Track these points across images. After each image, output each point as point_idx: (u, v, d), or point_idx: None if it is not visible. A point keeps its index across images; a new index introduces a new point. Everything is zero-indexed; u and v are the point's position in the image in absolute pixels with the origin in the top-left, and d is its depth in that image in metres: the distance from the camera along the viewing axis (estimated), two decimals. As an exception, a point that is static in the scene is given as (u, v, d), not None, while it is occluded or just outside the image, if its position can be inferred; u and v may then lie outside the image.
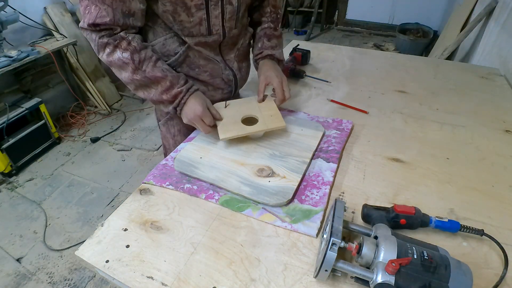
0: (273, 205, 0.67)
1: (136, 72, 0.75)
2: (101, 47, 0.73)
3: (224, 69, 0.91)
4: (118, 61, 0.74)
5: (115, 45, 0.72)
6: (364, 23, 4.43)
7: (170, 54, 0.83)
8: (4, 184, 2.10)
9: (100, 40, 0.72)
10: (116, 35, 0.72)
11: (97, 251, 0.60)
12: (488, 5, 1.98)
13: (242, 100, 0.91)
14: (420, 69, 1.29)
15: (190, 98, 0.80)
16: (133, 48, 0.73)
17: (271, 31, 0.97)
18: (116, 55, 0.73)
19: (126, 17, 0.72)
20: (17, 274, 1.56)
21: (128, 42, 0.73)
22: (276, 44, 0.97)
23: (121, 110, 2.86)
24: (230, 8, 0.81)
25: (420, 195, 0.70)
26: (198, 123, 0.79)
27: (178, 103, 0.79)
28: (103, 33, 0.72)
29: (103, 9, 0.69)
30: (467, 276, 0.46)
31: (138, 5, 0.73)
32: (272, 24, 0.97)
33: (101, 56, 0.75)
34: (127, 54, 0.73)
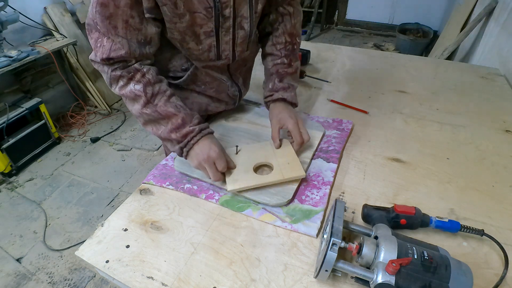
0: (273, 205, 0.67)
1: (147, 105, 0.68)
2: (114, 80, 0.68)
3: (231, 87, 0.88)
4: (130, 94, 0.68)
5: (129, 77, 0.67)
6: (364, 23, 4.43)
7: (176, 70, 0.80)
8: (4, 184, 2.10)
9: (113, 73, 0.67)
10: (130, 67, 0.67)
11: (97, 251, 0.60)
12: (488, 5, 1.98)
13: (256, 145, 0.81)
14: (420, 69, 1.29)
15: (203, 139, 0.71)
16: (146, 81, 0.68)
17: (284, 68, 0.85)
18: (129, 87, 0.68)
19: (142, 46, 0.67)
20: (17, 274, 1.56)
21: (142, 74, 0.68)
22: (289, 85, 0.85)
23: (121, 110, 2.86)
24: (242, 33, 0.75)
25: (420, 195, 0.70)
26: (209, 167, 0.69)
27: (186, 143, 0.70)
28: (116, 66, 0.67)
29: (117, 41, 0.63)
30: (467, 276, 0.46)
31: (154, 29, 0.67)
32: (286, 60, 0.84)
33: (114, 89, 0.70)
34: (140, 86, 0.67)
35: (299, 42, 0.87)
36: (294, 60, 0.86)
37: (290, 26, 0.83)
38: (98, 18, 0.61)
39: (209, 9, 0.66)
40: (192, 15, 0.66)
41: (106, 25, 0.62)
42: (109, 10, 0.60)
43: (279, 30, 0.84)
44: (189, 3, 0.64)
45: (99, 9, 0.60)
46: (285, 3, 0.82)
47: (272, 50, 0.85)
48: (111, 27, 0.62)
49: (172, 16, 0.65)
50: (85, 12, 2.68)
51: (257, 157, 0.76)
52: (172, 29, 0.69)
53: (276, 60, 0.85)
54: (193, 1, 0.64)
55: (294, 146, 0.77)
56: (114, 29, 0.62)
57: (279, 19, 0.83)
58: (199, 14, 0.66)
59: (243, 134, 0.89)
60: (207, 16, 0.67)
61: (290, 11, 0.83)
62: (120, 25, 0.62)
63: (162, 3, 0.63)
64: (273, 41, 0.85)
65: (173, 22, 0.67)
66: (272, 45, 0.85)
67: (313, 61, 1.37)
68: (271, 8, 0.82)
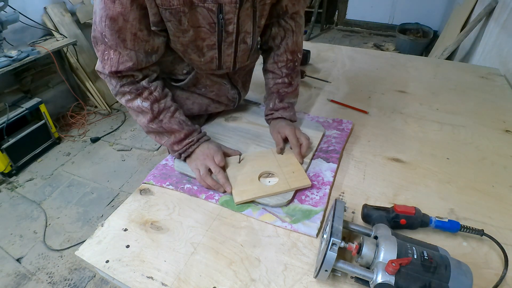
0: (273, 205, 0.67)
1: (153, 121, 0.72)
2: (121, 94, 0.70)
3: (230, 89, 0.89)
4: (137, 108, 0.71)
5: (137, 94, 0.69)
6: (364, 23, 4.43)
7: (178, 73, 0.81)
8: (4, 184, 2.10)
9: (121, 89, 0.69)
10: (138, 85, 0.69)
11: (97, 251, 0.60)
12: (488, 5, 1.98)
13: (258, 153, 0.81)
14: (420, 69, 1.29)
15: (201, 145, 0.76)
16: (153, 98, 0.71)
17: (285, 87, 0.86)
18: (136, 103, 0.70)
19: (148, 56, 0.68)
20: (17, 274, 1.56)
21: (150, 92, 0.70)
22: (289, 105, 0.87)
23: (121, 110, 2.86)
24: (244, 46, 0.76)
25: (420, 195, 0.70)
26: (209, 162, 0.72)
27: (185, 150, 0.75)
28: (124, 81, 0.68)
29: (124, 54, 0.64)
30: (467, 276, 0.46)
31: (160, 39, 0.68)
32: (287, 79, 0.85)
33: (119, 99, 0.72)
34: (147, 104, 0.70)
35: (300, 57, 0.88)
36: (295, 77, 0.87)
37: (292, 43, 0.83)
38: (107, 32, 0.61)
39: (212, 24, 0.66)
40: (196, 29, 0.67)
41: (115, 38, 0.62)
42: (118, 24, 0.60)
43: (280, 49, 0.83)
44: (193, 20, 0.64)
45: (108, 23, 0.60)
46: (287, 16, 0.81)
47: (274, 68, 0.85)
48: (119, 41, 0.62)
49: (175, 31, 0.66)
50: (85, 12, 2.68)
51: (261, 165, 0.75)
52: (175, 41, 0.70)
53: (277, 79, 0.86)
54: (198, 18, 0.64)
55: (294, 151, 0.77)
56: (123, 42, 0.63)
57: (281, 34, 0.82)
58: (202, 28, 0.67)
59: (243, 134, 0.89)
60: (210, 31, 0.67)
61: (292, 25, 0.82)
62: (128, 38, 0.63)
63: (167, 19, 0.63)
64: (275, 59, 0.85)
65: (176, 36, 0.68)
66: (273, 62, 0.85)
67: (313, 61, 1.37)
68: (272, 19, 0.81)
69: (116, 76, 0.67)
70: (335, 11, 4.54)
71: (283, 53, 0.83)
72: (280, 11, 0.79)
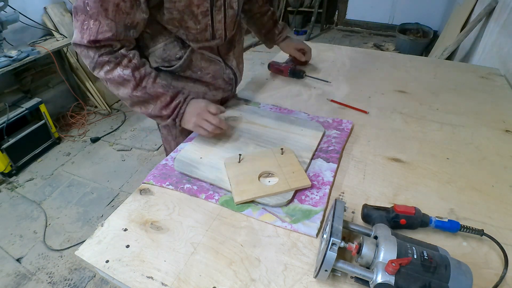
0: (273, 205, 0.67)
1: (136, 88, 0.73)
2: (99, 65, 0.71)
3: (225, 69, 0.92)
4: (118, 78, 0.72)
5: (116, 63, 0.71)
6: (364, 23, 4.43)
7: (171, 59, 0.83)
8: (4, 184, 2.10)
9: (99, 58, 0.69)
10: (117, 53, 0.71)
11: (97, 251, 0.60)
12: (488, 5, 1.98)
13: (258, 152, 0.80)
14: (420, 69, 1.29)
15: (190, 103, 0.80)
16: (134, 66, 0.72)
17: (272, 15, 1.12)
18: (116, 72, 0.71)
19: (127, 30, 0.70)
20: (17, 274, 1.56)
21: (129, 59, 0.72)
22: (282, 26, 1.15)
23: (121, 110, 2.86)
24: (231, 12, 0.82)
25: (420, 195, 0.70)
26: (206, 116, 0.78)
27: (177, 113, 0.78)
28: (102, 51, 0.69)
29: (104, 24, 0.66)
30: (467, 276, 0.46)
31: (142, 15, 0.71)
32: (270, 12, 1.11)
33: (98, 73, 0.73)
34: (128, 71, 0.71)
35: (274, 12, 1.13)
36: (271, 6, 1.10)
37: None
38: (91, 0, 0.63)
39: None
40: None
41: (98, 6, 0.64)
42: None
43: None
44: None
45: None
46: None
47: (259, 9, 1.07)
48: (102, 9, 0.64)
49: None
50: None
51: (261, 165, 0.75)
52: (171, 8, 0.72)
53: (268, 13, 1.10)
54: None
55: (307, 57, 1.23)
56: (104, 12, 0.65)
57: None
58: None
59: (243, 134, 0.89)
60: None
61: None
62: (110, 8, 0.65)
63: None
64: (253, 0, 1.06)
65: (172, 1, 0.70)
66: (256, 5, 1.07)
67: (313, 61, 1.37)
68: None
69: (94, 47, 0.69)
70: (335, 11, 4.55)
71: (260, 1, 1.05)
72: None
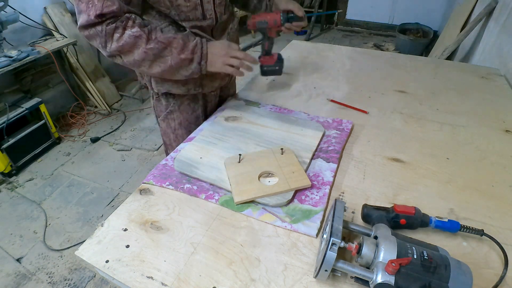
0: (273, 205, 0.67)
1: (149, 41, 0.75)
2: (110, 35, 0.73)
3: None
4: (129, 39, 0.74)
5: (124, 27, 0.73)
6: (364, 23, 4.43)
7: None
8: (4, 184, 2.10)
9: (108, 28, 0.72)
10: (122, 17, 0.74)
11: (97, 251, 0.60)
12: (488, 5, 1.98)
13: (258, 153, 0.80)
14: (420, 69, 1.29)
15: (210, 45, 0.81)
16: (139, 23, 0.75)
17: None
18: (126, 34, 0.74)
19: (127, 4, 0.74)
20: (17, 274, 1.56)
21: (133, 20, 0.74)
22: None
23: (121, 110, 2.86)
24: None
25: (420, 195, 0.70)
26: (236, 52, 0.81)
27: (200, 55, 0.79)
28: (109, 21, 0.72)
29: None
30: (467, 276, 0.46)
31: None
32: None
33: (111, 46, 0.75)
34: (136, 28, 0.74)
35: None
36: None
37: None
38: None
39: None
40: None
41: None
42: None
43: None
44: None
45: None
46: None
47: None
48: None
49: None
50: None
51: (261, 165, 0.75)
52: None
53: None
54: None
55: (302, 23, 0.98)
56: None
57: None
58: None
59: (243, 134, 0.89)
60: None
61: None
62: None
63: None
64: None
65: None
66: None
67: (313, 61, 1.37)
68: None
69: (101, 21, 0.72)
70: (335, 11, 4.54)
71: None
72: None
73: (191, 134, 0.93)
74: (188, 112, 1.01)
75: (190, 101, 1.00)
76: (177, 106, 1.00)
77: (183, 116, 1.01)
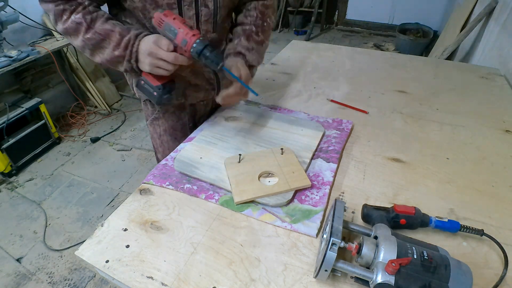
0: (273, 205, 0.67)
1: (88, 31, 0.70)
2: (58, 16, 0.70)
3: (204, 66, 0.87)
4: (71, 24, 0.70)
5: (71, 11, 0.70)
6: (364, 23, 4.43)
7: None
8: (4, 184, 2.10)
9: (56, 8, 0.69)
10: (73, 1, 0.70)
11: (97, 251, 0.60)
12: (488, 5, 1.98)
13: (258, 153, 0.80)
14: (420, 69, 1.29)
15: (142, 41, 0.70)
16: (86, 11, 0.71)
17: (252, 33, 0.84)
18: (71, 19, 0.70)
19: None
20: (17, 274, 1.56)
21: (84, 6, 0.71)
22: (253, 47, 0.84)
23: (121, 110, 2.86)
24: (206, 10, 0.76)
25: (420, 195, 0.70)
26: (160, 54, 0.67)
27: (130, 53, 0.71)
28: (60, 2, 0.69)
29: None
30: (467, 276, 0.46)
31: None
32: (254, 28, 0.84)
33: (58, 27, 0.72)
34: (80, 15, 0.70)
35: (270, 25, 0.88)
36: (263, 33, 0.86)
37: (262, 4, 0.85)
38: None
39: None
40: None
41: None
42: None
43: (252, 4, 0.86)
44: None
45: None
46: None
47: (243, 20, 0.86)
48: None
49: None
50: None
51: (261, 164, 0.75)
52: None
53: (245, 26, 0.85)
54: None
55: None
56: None
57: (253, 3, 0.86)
58: None
59: (243, 134, 0.89)
60: None
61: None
62: None
63: None
64: (245, 13, 0.86)
65: None
66: (243, 16, 0.86)
67: (313, 61, 1.37)
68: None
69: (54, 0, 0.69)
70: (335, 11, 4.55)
71: (252, 9, 0.85)
72: None
73: (191, 134, 0.93)
74: (173, 120, 0.98)
75: (175, 109, 0.96)
76: (162, 114, 0.97)
77: (168, 124, 0.98)
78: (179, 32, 0.65)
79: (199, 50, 0.67)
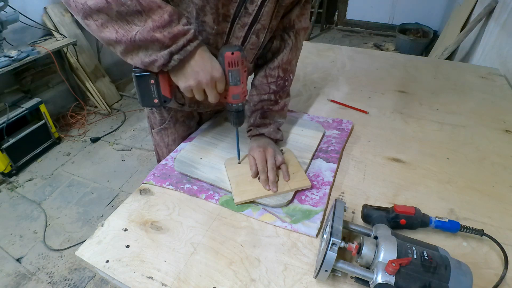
0: (273, 206, 0.67)
1: None
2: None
3: None
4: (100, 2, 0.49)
5: None
6: (364, 23, 4.43)
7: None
8: (4, 184, 2.10)
9: None
10: None
11: (97, 251, 0.60)
12: (488, 5, 1.98)
13: None
14: (420, 69, 1.29)
15: (201, 51, 0.56)
16: None
17: (270, 105, 0.80)
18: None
19: None
20: (17, 274, 1.56)
21: None
22: (270, 121, 0.81)
23: (121, 110, 2.86)
24: (255, 40, 0.71)
25: (420, 195, 0.70)
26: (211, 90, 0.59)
27: (181, 47, 0.53)
28: None
29: None
30: (467, 276, 0.46)
31: None
32: (273, 96, 0.80)
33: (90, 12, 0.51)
34: None
35: (292, 79, 0.84)
36: (284, 97, 0.83)
37: (287, 60, 0.79)
38: None
39: None
40: None
41: None
42: None
43: (274, 62, 0.78)
44: None
45: None
46: (291, 30, 0.78)
47: (262, 82, 0.80)
48: None
49: None
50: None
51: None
52: None
53: (263, 95, 0.80)
54: None
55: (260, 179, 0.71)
56: None
57: (281, 47, 0.78)
58: None
59: (243, 134, 0.89)
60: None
61: (293, 40, 0.78)
62: None
63: None
64: (266, 73, 0.79)
65: None
66: (263, 76, 0.80)
67: (313, 61, 1.37)
68: (276, 32, 0.78)
69: None
70: (335, 11, 4.54)
71: (275, 68, 0.78)
72: (287, 24, 0.77)
73: (192, 134, 0.93)
74: (184, 130, 0.96)
75: (185, 118, 0.94)
76: (172, 124, 0.94)
77: (178, 134, 0.96)
78: (240, 86, 0.62)
79: (238, 109, 0.66)
